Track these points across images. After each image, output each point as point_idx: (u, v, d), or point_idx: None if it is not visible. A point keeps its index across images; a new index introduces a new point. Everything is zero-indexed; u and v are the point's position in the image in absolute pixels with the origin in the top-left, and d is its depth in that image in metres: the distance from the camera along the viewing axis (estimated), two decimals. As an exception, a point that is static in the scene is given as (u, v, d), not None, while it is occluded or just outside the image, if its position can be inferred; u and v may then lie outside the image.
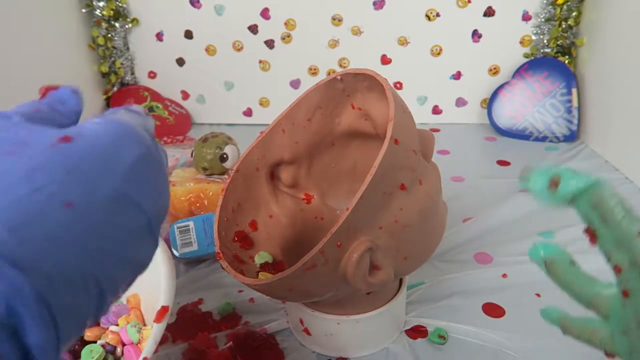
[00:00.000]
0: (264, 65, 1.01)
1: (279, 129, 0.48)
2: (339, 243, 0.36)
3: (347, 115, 0.49)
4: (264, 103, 1.04)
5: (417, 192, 0.40)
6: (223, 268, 0.42)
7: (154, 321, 0.40)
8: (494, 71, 0.97)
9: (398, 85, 1.00)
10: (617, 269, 0.22)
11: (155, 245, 0.21)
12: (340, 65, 1.00)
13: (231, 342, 0.49)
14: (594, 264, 0.28)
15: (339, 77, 0.45)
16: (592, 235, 0.22)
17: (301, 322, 0.48)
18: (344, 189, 0.54)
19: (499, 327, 0.50)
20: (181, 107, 1.03)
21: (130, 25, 0.97)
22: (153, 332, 0.38)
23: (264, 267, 0.47)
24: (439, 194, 0.45)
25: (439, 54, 0.97)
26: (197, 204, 0.64)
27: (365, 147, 0.51)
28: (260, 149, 0.48)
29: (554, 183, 0.23)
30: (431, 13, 0.94)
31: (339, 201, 0.54)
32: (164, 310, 0.40)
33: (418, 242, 0.42)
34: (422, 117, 1.01)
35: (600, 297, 0.24)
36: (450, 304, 0.54)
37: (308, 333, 0.48)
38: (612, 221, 0.21)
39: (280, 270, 0.42)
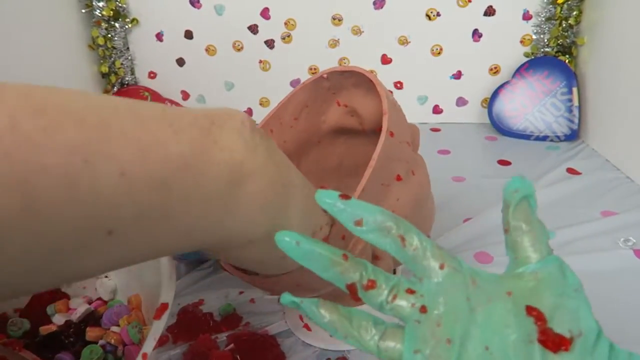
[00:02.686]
0: (264, 65, 1.01)
1: (267, 129, 0.49)
2: (342, 235, 0.36)
3: (333, 112, 0.49)
4: (264, 103, 1.04)
5: (411, 182, 0.40)
6: (225, 269, 0.42)
7: (153, 318, 0.40)
8: (495, 70, 0.97)
9: (398, 85, 1.00)
10: (409, 291, 0.25)
11: None
12: (341, 65, 1.00)
13: (232, 344, 0.49)
14: (591, 265, 0.28)
15: (325, 76, 0.46)
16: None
17: (301, 318, 0.49)
18: (332, 185, 0.54)
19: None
20: (181, 107, 1.03)
21: (130, 25, 0.97)
22: (152, 328, 0.38)
23: None
24: (429, 184, 0.45)
25: (439, 53, 0.97)
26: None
27: (350, 144, 0.51)
28: None
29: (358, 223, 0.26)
30: (431, 12, 0.94)
31: None
32: (163, 307, 0.40)
33: None
34: (422, 116, 1.02)
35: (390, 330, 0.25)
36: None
37: (308, 329, 0.49)
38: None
39: None
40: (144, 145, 0.21)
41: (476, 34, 0.94)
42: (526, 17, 0.92)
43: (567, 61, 0.92)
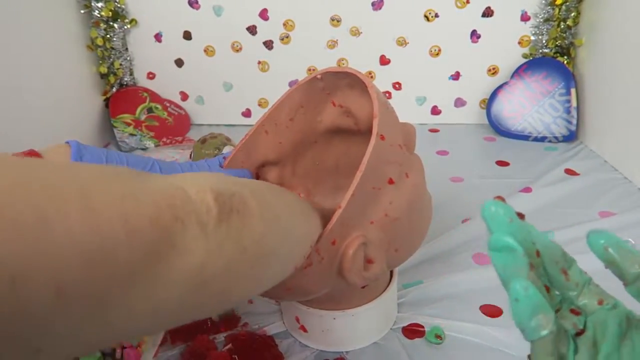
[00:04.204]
0: (262, 66, 1.01)
1: (262, 131, 0.49)
2: (333, 240, 0.36)
3: (329, 113, 0.49)
4: (262, 104, 1.04)
5: (404, 185, 0.40)
6: None
7: (153, 323, 0.40)
8: (493, 71, 0.97)
9: (397, 86, 1.00)
10: (573, 312, 0.26)
11: None
12: (339, 66, 1.00)
13: (230, 344, 0.49)
14: (591, 264, 0.28)
15: (319, 76, 0.46)
16: None
17: (297, 320, 0.49)
18: (329, 185, 0.54)
19: (497, 326, 0.50)
20: (180, 108, 1.03)
21: (129, 26, 0.97)
22: (152, 335, 0.38)
23: None
24: (424, 185, 0.45)
25: (437, 54, 0.97)
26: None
27: (347, 144, 0.51)
28: (244, 152, 0.48)
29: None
30: (430, 13, 0.94)
31: (325, 198, 0.54)
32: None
33: (408, 234, 0.43)
34: (421, 117, 1.02)
35: None
36: (448, 304, 0.54)
37: (304, 330, 0.49)
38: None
39: None
40: (88, 255, 0.17)
41: (474, 35, 0.95)
42: (524, 18, 0.92)
43: (565, 62, 0.92)
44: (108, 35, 0.96)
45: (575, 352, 0.24)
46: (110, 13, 0.94)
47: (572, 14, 0.89)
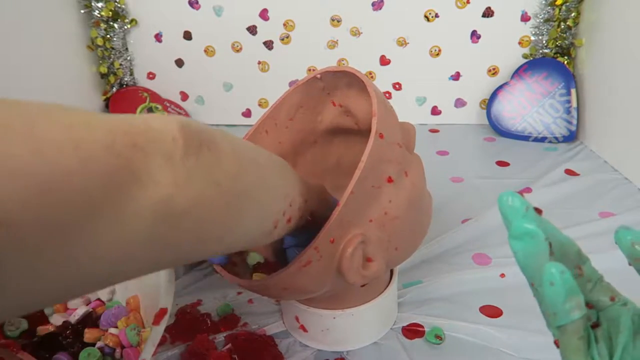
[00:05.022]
0: (263, 66, 1.01)
1: (262, 131, 0.49)
2: (332, 239, 0.36)
3: (328, 112, 0.49)
4: (263, 104, 1.04)
5: (403, 183, 0.40)
6: (217, 271, 0.42)
7: (152, 323, 0.40)
8: (493, 72, 0.97)
9: (397, 86, 1.00)
10: (588, 305, 0.26)
11: None
12: (333, 65, 1.00)
13: (230, 344, 0.49)
14: (595, 264, 0.28)
15: (318, 76, 0.46)
16: None
17: (297, 319, 0.49)
18: (329, 185, 0.54)
19: (497, 327, 0.50)
20: (180, 108, 1.03)
21: (129, 26, 0.97)
22: (151, 334, 0.38)
23: (257, 267, 0.47)
24: (424, 184, 0.45)
25: (438, 54, 0.97)
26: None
27: (347, 143, 0.52)
28: None
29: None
30: (430, 14, 0.94)
31: None
32: (162, 312, 0.40)
33: (407, 232, 0.43)
34: (421, 117, 1.02)
35: None
36: (448, 304, 0.54)
37: (304, 330, 0.49)
38: None
39: (274, 270, 0.42)
40: (36, 184, 0.16)
41: (475, 35, 0.95)
42: (524, 18, 0.92)
43: (565, 62, 0.92)
44: (108, 35, 0.96)
45: (595, 341, 0.25)
46: (110, 13, 0.94)
47: (572, 14, 0.89)
